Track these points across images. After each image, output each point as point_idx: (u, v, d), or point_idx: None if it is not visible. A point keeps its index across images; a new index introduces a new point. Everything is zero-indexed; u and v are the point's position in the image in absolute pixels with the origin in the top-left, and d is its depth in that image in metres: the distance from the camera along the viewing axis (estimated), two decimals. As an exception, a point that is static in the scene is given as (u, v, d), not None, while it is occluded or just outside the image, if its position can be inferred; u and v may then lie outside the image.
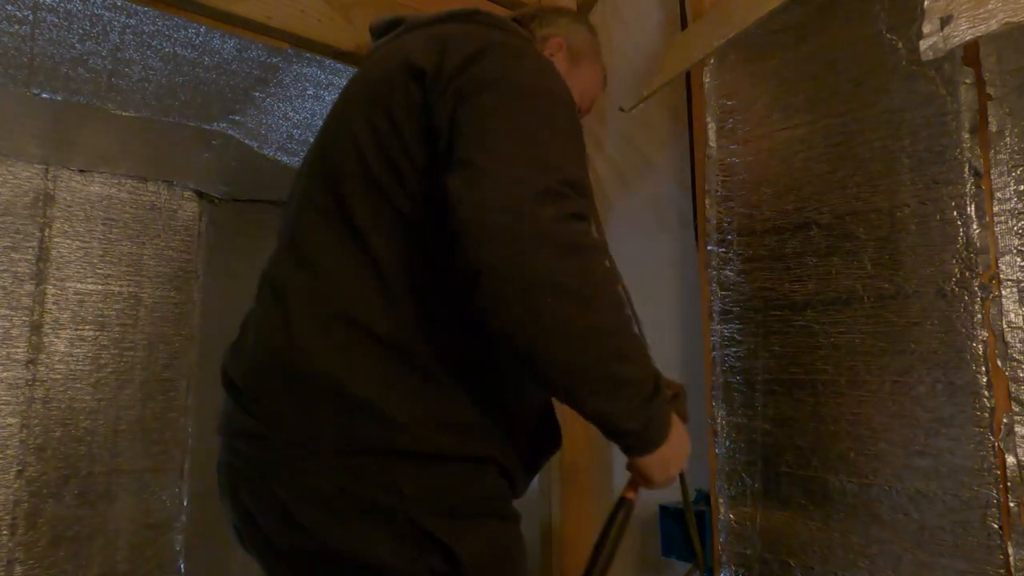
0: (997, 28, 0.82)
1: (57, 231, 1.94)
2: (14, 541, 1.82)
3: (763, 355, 1.28)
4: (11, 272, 1.87)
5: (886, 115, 1.15)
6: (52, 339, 1.91)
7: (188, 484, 2.09)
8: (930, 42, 0.88)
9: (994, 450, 1.00)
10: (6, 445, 1.82)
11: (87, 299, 1.98)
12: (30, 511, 1.84)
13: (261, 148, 1.74)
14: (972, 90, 1.06)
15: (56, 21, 1.24)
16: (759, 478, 1.27)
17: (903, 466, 1.10)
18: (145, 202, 2.10)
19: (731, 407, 1.33)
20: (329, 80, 1.53)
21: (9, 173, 1.88)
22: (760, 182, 1.32)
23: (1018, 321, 1.00)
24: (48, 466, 1.88)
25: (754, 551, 1.27)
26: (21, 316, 1.87)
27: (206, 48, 1.37)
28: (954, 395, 1.05)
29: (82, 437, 1.93)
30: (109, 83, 1.44)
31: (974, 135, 1.05)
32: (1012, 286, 1.01)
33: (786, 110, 1.29)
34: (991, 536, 1.00)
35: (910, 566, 1.07)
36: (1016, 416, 0.99)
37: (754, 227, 1.32)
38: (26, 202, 1.90)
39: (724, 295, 1.36)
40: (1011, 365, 1.00)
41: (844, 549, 1.15)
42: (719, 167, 1.39)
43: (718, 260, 1.37)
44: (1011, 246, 1.02)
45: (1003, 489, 0.99)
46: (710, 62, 1.42)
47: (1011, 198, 1.02)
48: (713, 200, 1.39)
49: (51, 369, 1.90)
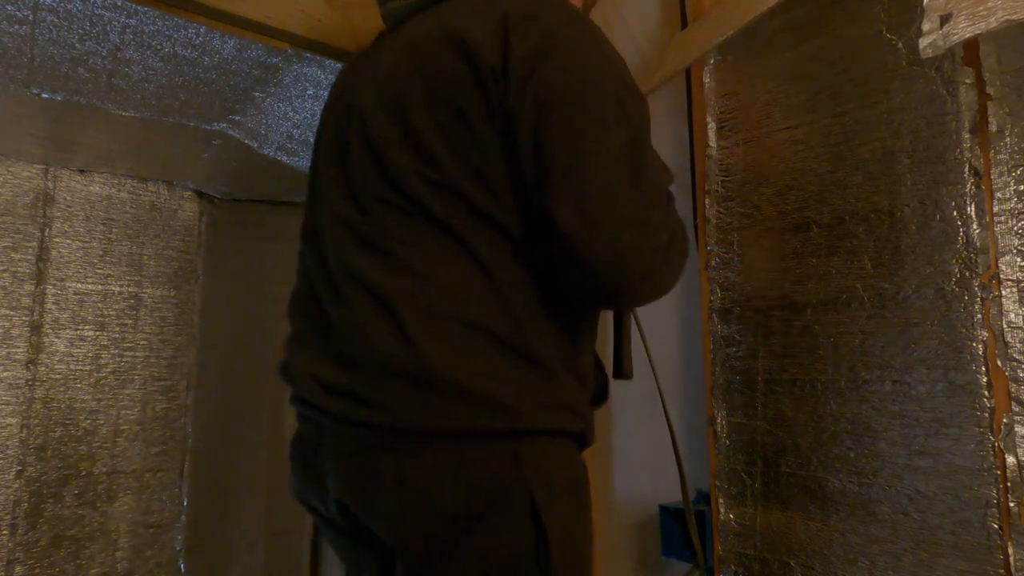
0: (997, 26, 0.82)
1: (57, 231, 1.94)
2: (14, 541, 1.82)
3: (763, 355, 1.28)
4: (11, 272, 1.87)
5: (886, 115, 1.15)
6: (52, 339, 1.91)
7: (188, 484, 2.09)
8: (929, 40, 0.88)
9: (994, 450, 1.00)
10: (6, 445, 1.82)
11: (87, 299, 1.98)
12: (30, 511, 1.84)
13: (261, 148, 1.74)
14: (972, 90, 1.06)
15: (56, 21, 1.24)
16: (759, 478, 1.27)
17: (903, 466, 1.10)
18: (145, 202, 2.10)
19: (731, 407, 1.33)
20: (329, 80, 1.53)
21: (9, 173, 1.88)
22: (760, 182, 1.32)
23: (1018, 321, 1.00)
24: (48, 466, 1.88)
25: (754, 551, 1.27)
26: (21, 316, 1.87)
27: (206, 48, 1.37)
28: (954, 395, 1.05)
29: (82, 437, 1.93)
30: (109, 83, 1.44)
31: (974, 135, 1.05)
32: (1012, 286, 1.01)
33: (786, 110, 1.29)
34: (991, 536, 1.00)
35: (910, 566, 1.07)
36: (1016, 416, 0.99)
37: (754, 227, 1.32)
38: (26, 202, 1.90)
39: (724, 295, 1.36)
40: (1011, 365, 1.00)
41: (844, 549, 1.15)
42: (719, 167, 1.39)
43: (718, 260, 1.37)
44: (1011, 246, 1.02)
45: (1003, 489, 0.99)
46: (710, 62, 1.42)
47: (1011, 198, 1.02)
48: (713, 200, 1.39)
49: (51, 369, 1.90)
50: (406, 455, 0.80)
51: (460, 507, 0.79)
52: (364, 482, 0.84)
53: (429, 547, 0.81)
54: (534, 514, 0.79)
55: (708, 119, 1.41)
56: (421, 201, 0.83)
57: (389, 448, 0.81)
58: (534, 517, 0.79)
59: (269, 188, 2.16)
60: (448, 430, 0.79)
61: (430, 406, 0.79)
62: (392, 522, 0.83)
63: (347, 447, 0.86)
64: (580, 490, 0.88)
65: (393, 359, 0.81)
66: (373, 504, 0.84)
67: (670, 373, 1.56)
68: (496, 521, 0.80)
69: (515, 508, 0.80)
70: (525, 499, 0.80)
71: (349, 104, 0.97)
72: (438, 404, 0.79)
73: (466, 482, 0.80)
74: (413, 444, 0.80)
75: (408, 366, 0.80)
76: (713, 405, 1.35)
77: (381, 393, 0.81)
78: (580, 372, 0.89)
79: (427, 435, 0.80)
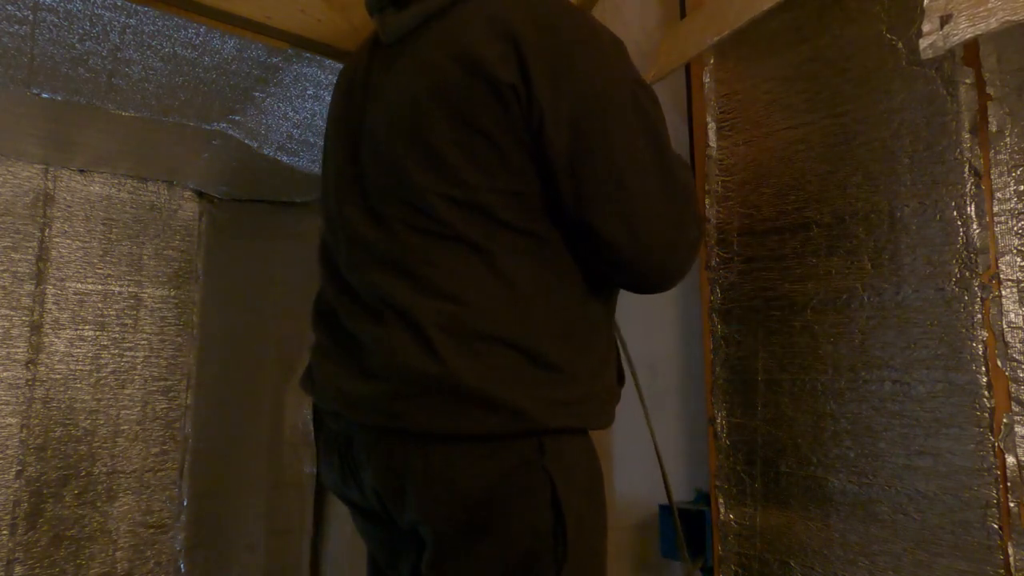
0: (997, 26, 0.82)
1: (57, 231, 1.94)
2: (14, 541, 1.82)
3: (763, 355, 1.28)
4: (11, 272, 1.87)
5: (886, 115, 1.15)
6: (52, 339, 1.91)
7: (188, 484, 2.09)
8: (930, 41, 0.88)
9: (994, 450, 1.00)
10: (6, 445, 1.82)
11: (87, 299, 1.98)
12: (30, 511, 1.84)
13: (261, 148, 1.74)
14: (972, 90, 1.06)
15: (56, 21, 1.24)
16: (759, 478, 1.27)
17: (903, 466, 1.10)
18: (145, 202, 2.09)
19: (731, 407, 1.33)
20: (329, 80, 1.52)
21: (9, 173, 1.88)
22: (760, 182, 1.32)
23: (1018, 321, 1.00)
24: (48, 466, 1.88)
25: (754, 551, 1.27)
26: (21, 316, 1.87)
27: (206, 48, 1.37)
28: (954, 395, 1.05)
29: (82, 437, 1.93)
30: (109, 83, 1.44)
31: (974, 135, 1.05)
32: (1012, 286, 1.01)
33: (786, 110, 1.29)
34: (991, 536, 1.00)
35: (910, 566, 1.07)
36: (1016, 416, 0.99)
37: (754, 227, 1.32)
38: (26, 202, 1.90)
39: (724, 295, 1.36)
40: (1011, 365, 1.00)
41: (844, 549, 1.15)
42: (719, 167, 1.39)
43: (718, 260, 1.37)
44: (1011, 246, 1.02)
45: (1003, 489, 0.99)
46: (710, 62, 1.42)
47: (1011, 198, 1.02)
48: (713, 200, 1.39)
49: (51, 369, 1.90)
50: (435, 449, 0.85)
51: (486, 495, 0.84)
52: (395, 474, 0.88)
53: (456, 533, 0.85)
54: (554, 501, 0.84)
55: (708, 119, 1.41)
56: (443, 219, 0.86)
57: (418, 444, 0.85)
58: (554, 504, 0.84)
59: (269, 188, 2.16)
60: (476, 433, 0.84)
61: (459, 415, 0.83)
62: (423, 510, 0.86)
63: (377, 443, 0.90)
64: (597, 487, 0.92)
65: (422, 375, 0.84)
66: (404, 494, 0.87)
67: (670, 373, 1.56)
68: (519, 507, 0.84)
69: (537, 495, 0.84)
70: (546, 487, 0.84)
71: (359, 129, 0.98)
72: (467, 412, 0.83)
73: (492, 471, 0.84)
74: (442, 443, 0.85)
75: (437, 381, 0.84)
76: (713, 405, 1.35)
77: (411, 406, 0.85)
78: (601, 370, 0.94)
79: (456, 438, 0.84)
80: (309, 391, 1.02)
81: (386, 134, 0.92)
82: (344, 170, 0.99)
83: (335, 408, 0.94)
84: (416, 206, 0.87)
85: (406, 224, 0.88)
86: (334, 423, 0.99)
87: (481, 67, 0.83)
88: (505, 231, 0.86)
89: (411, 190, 0.88)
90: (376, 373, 0.88)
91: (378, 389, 0.87)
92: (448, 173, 0.85)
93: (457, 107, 0.85)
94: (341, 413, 0.94)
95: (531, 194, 0.86)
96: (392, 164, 0.90)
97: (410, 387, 0.85)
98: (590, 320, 0.93)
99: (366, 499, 0.96)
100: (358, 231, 0.94)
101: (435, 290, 0.86)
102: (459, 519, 0.85)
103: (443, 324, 0.84)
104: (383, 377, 0.87)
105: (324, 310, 1.03)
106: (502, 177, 0.85)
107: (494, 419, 0.83)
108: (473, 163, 0.84)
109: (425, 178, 0.86)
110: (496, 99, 0.82)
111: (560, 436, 0.87)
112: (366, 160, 0.95)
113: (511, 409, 0.83)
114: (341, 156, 1.01)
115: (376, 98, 0.96)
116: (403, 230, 0.89)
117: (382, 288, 0.89)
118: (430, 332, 0.84)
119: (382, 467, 0.89)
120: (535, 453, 0.85)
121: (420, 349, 0.84)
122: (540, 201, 0.86)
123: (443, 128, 0.86)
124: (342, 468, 0.98)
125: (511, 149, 0.84)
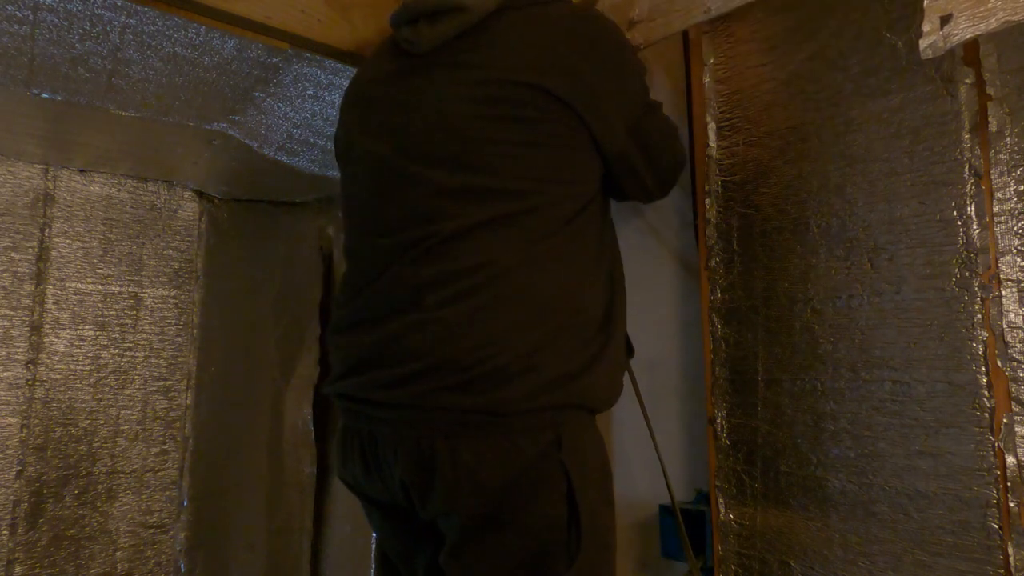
0: (997, 26, 0.82)
1: (57, 231, 1.94)
2: (14, 541, 1.82)
3: (763, 355, 1.28)
4: (11, 272, 1.87)
5: (886, 115, 1.15)
6: (52, 339, 1.91)
7: (188, 484, 2.09)
8: (929, 41, 0.88)
9: (994, 450, 1.00)
10: (6, 445, 1.82)
11: (87, 299, 1.98)
12: (30, 511, 1.84)
13: (261, 148, 1.74)
14: (972, 90, 1.06)
15: (56, 21, 1.24)
16: (759, 478, 1.27)
17: (903, 466, 1.10)
18: (145, 202, 2.10)
19: (731, 407, 1.33)
20: (329, 80, 1.53)
21: (9, 173, 1.88)
22: (760, 182, 1.32)
23: (1018, 321, 1.00)
24: (48, 466, 1.88)
25: (754, 551, 1.27)
26: (21, 316, 1.87)
27: (206, 48, 1.37)
28: (954, 395, 1.05)
29: (82, 437, 1.93)
30: (109, 83, 1.44)
31: (974, 135, 1.05)
32: (1012, 286, 1.01)
33: (786, 110, 1.29)
34: (991, 536, 1.00)
35: (910, 566, 1.07)
36: (1016, 416, 0.99)
37: (754, 227, 1.32)
38: (26, 202, 1.90)
39: (724, 295, 1.36)
40: (1011, 365, 1.00)
41: (844, 549, 1.15)
42: (719, 167, 1.39)
43: (718, 260, 1.37)
44: (1011, 246, 1.02)
45: (1003, 489, 0.99)
46: (709, 61, 1.42)
47: (1011, 198, 1.02)
48: (713, 200, 1.39)
49: (51, 369, 1.90)
50: (460, 440, 0.91)
51: (507, 486, 0.90)
52: (423, 466, 0.93)
53: (477, 523, 0.91)
54: (569, 493, 0.90)
55: (708, 119, 1.41)
56: (475, 213, 0.95)
57: (445, 434, 0.91)
58: (569, 496, 0.90)
59: (269, 188, 2.16)
60: (499, 411, 0.90)
61: (484, 393, 0.90)
62: (449, 501, 0.91)
63: (403, 435, 0.94)
64: (608, 482, 1.00)
65: (450, 363, 0.91)
66: (432, 485, 0.92)
67: (670, 373, 1.56)
68: (537, 499, 0.90)
69: (555, 488, 0.90)
70: (563, 480, 0.90)
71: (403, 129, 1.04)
72: (491, 391, 0.90)
73: (513, 463, 0.90)
74: (466, 428, 0.91)
75: (463, 370, 0.90)
76: (713, 405, 1.35)
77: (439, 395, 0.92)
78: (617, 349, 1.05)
79: (480, 426, 0.90)
80: (332, 390, 1.07)
81: (430, 136, 1.00)
82: (376, 176, 1.05)
83: (362, 402, 1.00)
84: (452, 201, 0.96)
85: (431, 220, 0.97)
86: (351, 419, 1.03)
87: (530, 78, 0.95)
88: (535, 216, 0.96)
89: (446, 189, 0.97)
90: (406, 365, 0.94)
91: (406, 378, 0.93)
92: (485, 169, 0.96)
93: (504, 113, 0.96)
94: (366, 410, 0.99)
95: (580, 183, 1.02)
96: (428, 166, 0.99)
97: (438, 374, 0.92)
98: (611, 313, 1.04)
99: (389, 493, 1.00)
100: (388, 229, 1.02)
101: (461, 282, 0.93)
102: (481, 510, 0.90)
103: (474, 313, 0.92)
104: (414, 371, 0.93)
105: (347, 311, 1.07)
106: (538, 168, 0.97)
107: (515, 393, 0.90)
108: (519, 163, 0.96)
109: (460, 177, 0.96)
110: (548, 105, 0.96)
111: (575, 428, 0.94)
112: (397, 164, 1.02)
113: (532, 382, 0.90)
114: (371, 163, 1.08)
115: (413, 109, 1.03)
116: (434, 225, 0.97)
117: (409, 283, 0.97)
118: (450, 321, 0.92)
119: (412, 460, 0.93)
120: (553, 448, 0.90)
121: (447, 338, 0.92)
122: (583, 190, 1.02)
123: (489, 131, 0.96)
124: (364, 463, 1.01)
125: (551, 143, 0.98)
